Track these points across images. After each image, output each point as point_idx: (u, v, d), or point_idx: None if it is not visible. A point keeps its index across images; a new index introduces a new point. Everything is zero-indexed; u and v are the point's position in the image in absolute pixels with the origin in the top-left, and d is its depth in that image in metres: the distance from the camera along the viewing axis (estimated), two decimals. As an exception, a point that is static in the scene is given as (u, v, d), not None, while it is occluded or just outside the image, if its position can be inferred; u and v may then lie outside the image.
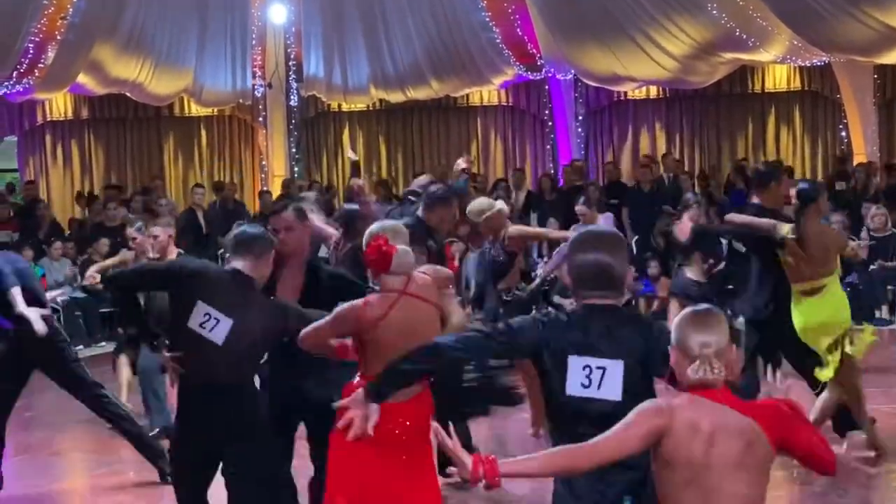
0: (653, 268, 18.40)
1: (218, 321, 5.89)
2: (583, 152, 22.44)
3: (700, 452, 3.67)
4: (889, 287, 16.74)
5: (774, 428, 3.71)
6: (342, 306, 5.64)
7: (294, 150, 22.98)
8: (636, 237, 19.64)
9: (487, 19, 20.93)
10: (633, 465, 3.85)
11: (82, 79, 20.76)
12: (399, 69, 21.68)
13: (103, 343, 17.20)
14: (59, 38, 19.34)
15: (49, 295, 16.52)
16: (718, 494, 3.68)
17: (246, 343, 5.95)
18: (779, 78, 21.59)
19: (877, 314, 16.57)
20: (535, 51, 21.31)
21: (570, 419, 4.04)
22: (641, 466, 3.87)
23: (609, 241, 4.15)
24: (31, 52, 19.42)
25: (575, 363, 3.99)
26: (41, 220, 19.67)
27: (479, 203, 9.92)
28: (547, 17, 20.43)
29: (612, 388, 3.98)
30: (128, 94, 21.97)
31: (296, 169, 22.92)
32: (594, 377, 3.97)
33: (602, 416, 3.90)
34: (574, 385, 3.99)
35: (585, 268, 4.08)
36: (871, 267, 16.67)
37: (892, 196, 18.29)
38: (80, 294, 17.45)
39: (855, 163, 19.87)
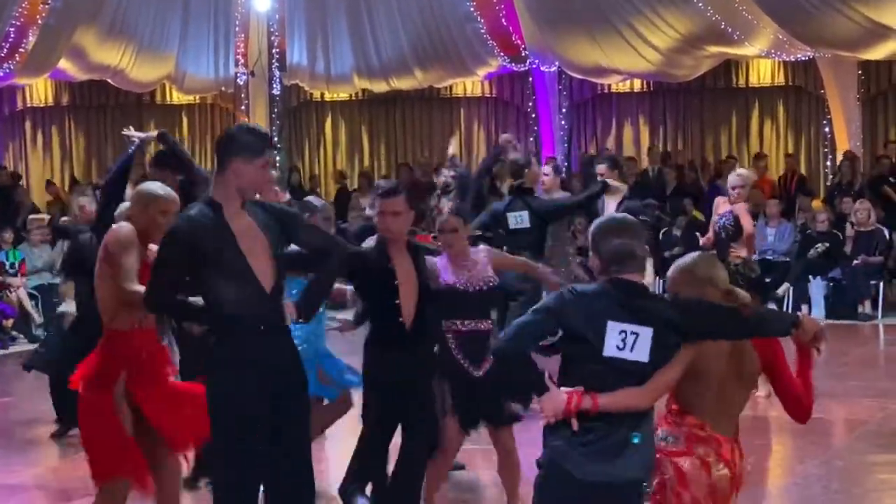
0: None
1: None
2: (566, 145, 22.46)
3: (718, 367, 4.90)
4: (872, 282, 16.74)
5: (763, 349, 4.94)
6: None
7: (276, 139, 22.92)
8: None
9: (472, 10, 20.93)
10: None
11: (63, 64, 20.74)
12: (383, 59, 21.68)
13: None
14: (40, 22, 19.29)
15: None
16: (726, 397, 4.96)
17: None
18: (763, 73, 21.59)
19: (860, 309, 16.60)
20: (519, 42, 21.30)
21: (605, 379, 4.68)
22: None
23: (630, 227, 4.82)
24: (13, 36, 19.35)
25: (613, 328, 4.64)
26: (20, 206, 19.57)
27: None
28: (532, 7, 20.45)
29: (642, 351, 4.65)
30: (109, 81, 21.95)
31: (278, 158, 22.86)
32: (628, 341, 4.65)
33: (630, 374, 4.67)
34: (610, 347, 4.65)
35: (613, 252, 4.76)
36: (855, 262, 16.67)
37: (877, 190, 18.32)
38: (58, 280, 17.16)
39: (839, 158, 19.90)
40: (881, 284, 16.81)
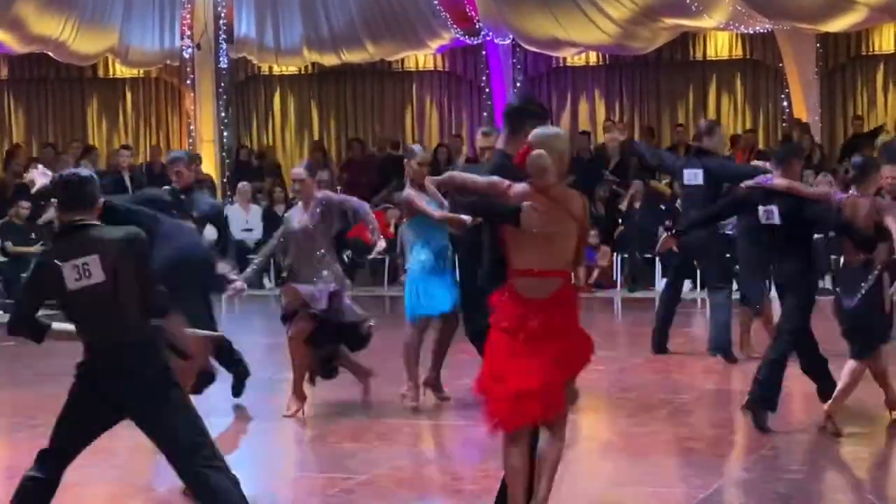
0: (593, 236, 18.07)
1: None
2: (520, 120, 22.23)
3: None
4: (833, 257, 16.53)
5: None
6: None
7: (223, 114, 22.48)
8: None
9: (425, -21, 20.62)
10: None
11: (2, 36, 20.38)
12: (334, 31, 21.40)
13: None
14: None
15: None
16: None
17: None
18: (720, 46, 21.49)
19: (821, 284, 16.37)
20: (473, 14, 21.00)
21: None
22: None
23: None
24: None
25: None
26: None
27: None
28: (487, -22, 20.15)
29: None
30: (50, 54, 21.60)
31: (225, 134, 22.44)
32: None
33: None
34: None
35: None
36: (815, 236, 16.41)
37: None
38: (1, 258, 17.58)
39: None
40: (841, 259, 16.61)
